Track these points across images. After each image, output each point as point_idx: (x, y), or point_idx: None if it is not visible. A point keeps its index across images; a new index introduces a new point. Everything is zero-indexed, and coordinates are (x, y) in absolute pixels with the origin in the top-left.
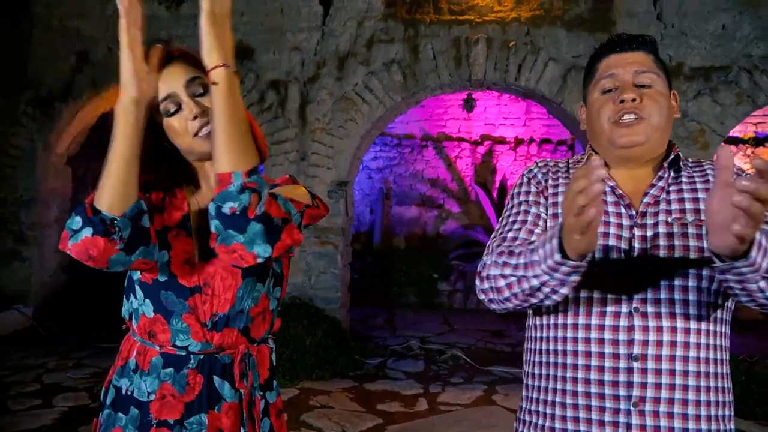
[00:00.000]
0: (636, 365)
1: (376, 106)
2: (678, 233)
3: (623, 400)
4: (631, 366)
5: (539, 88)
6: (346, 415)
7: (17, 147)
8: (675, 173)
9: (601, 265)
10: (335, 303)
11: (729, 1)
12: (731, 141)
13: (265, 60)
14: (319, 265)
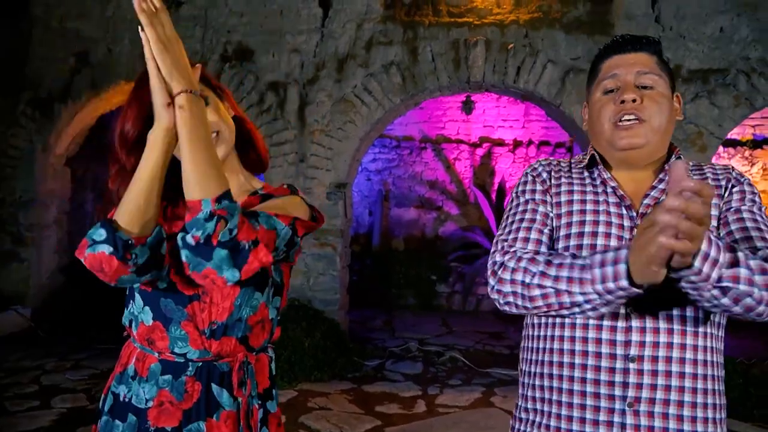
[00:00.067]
0: (632, 366)
1: (375, 108)
2: None
3: (618, 400)
4: (628, 367)
5: (538, 90)
6: (344, 417)
7: (16, 148)
8: None
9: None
10: (334, 305)
11: (727, 4)
12: (729, 143)
13: (265, 61)
14: (318, 267)
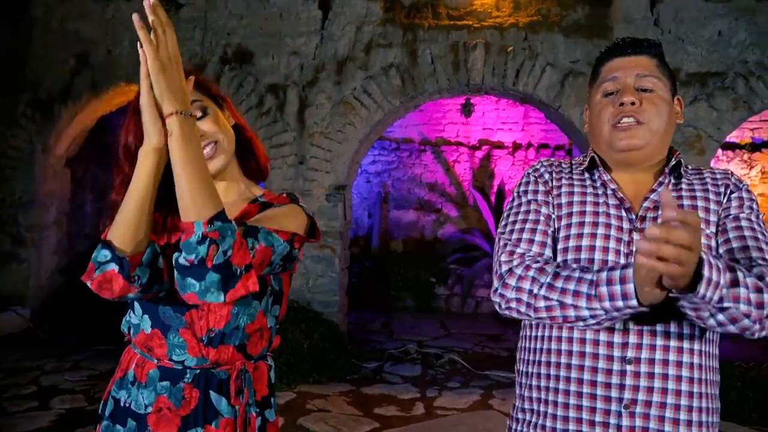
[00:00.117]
0: (629, 368)
1: (374, 110)
2: None
3: (615, 401)
4: (625, 369)
5: (537, 93)
6: (343, 419)
7: (16, 148)
8: (676, 179)
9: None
10: (333, 307)
11: (725, 8)
12: (728, 146)
13: (264, 64)
14: (317, 269)
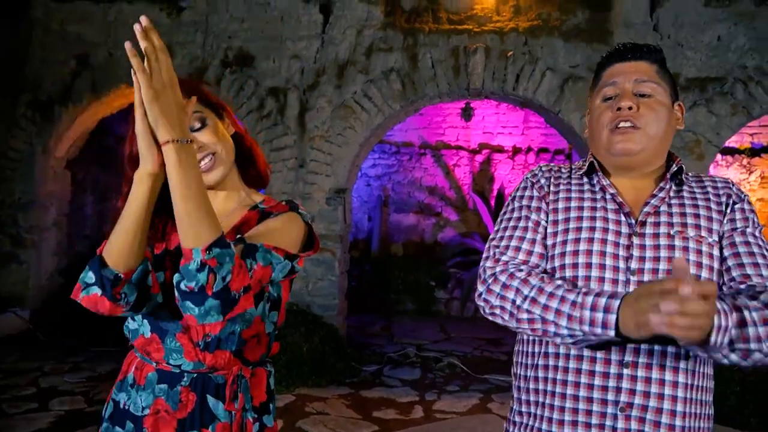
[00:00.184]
0: (626, 371)
1: (374, 114)
2: (680, 246)
3: (611, 404)
4: (622, 372)
5: (537, 97)
6: (341, 422)
7: (16, 150)
8: (677, 186)
9: (599, 271)
10: (332, 310)
11: (724, 13)
12: (727, 151)
13: (265, 67)
14: (317, 272)
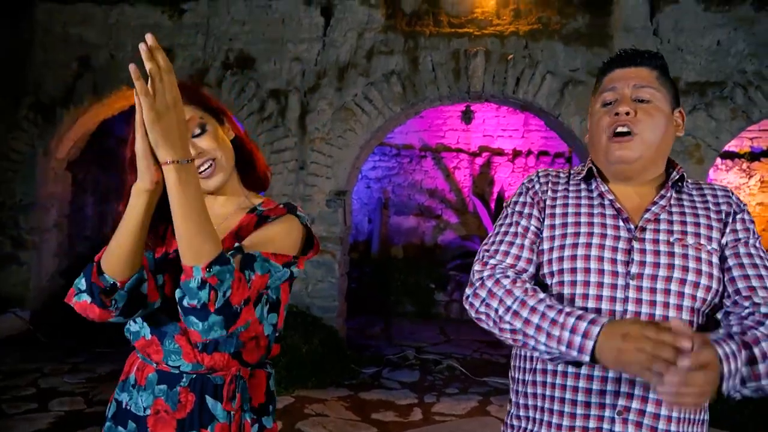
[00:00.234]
0: (625, 375)
1: (375, 116)
2: (679, 253)
3: (608, 408)
4: (619, 376)
5: (537, 101)
6: (340, 424)
7: (17, 151)
8: (677, 193)
9: (597, 276)
10: (332, 312)
11: (724, 18)
12: (727, 155)
13: (266, 69)
14: (317, 274)
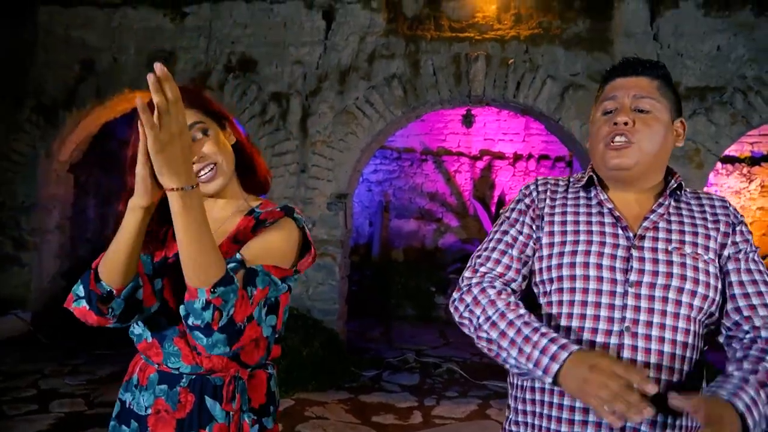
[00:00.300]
0: None
1: (376, 119)
2: (677, 262)
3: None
4: None
5: (537, 105)
6: (340, 427)
7: (20, 153)
8: (675, 202)
9: (596, 283)
10: (332, 314)
11: (724, 23)
12: (728, 160)
13: (268, 72)
14: (317, 277)
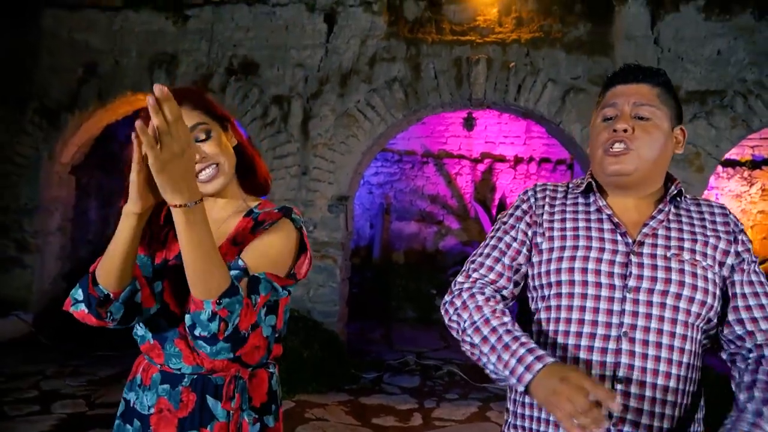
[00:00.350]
0: (620, 387)
1: (377, 122)
2: (676, 269)
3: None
4: (615, 388)
5: (538, 108)
6: (341, 429)
7: (22, 155)
8: (675, 208)
9: (595, 289)
10: (333, 316)
11: (724, 27)
12: (728, 163)
13: (270, 75)
14: (318, 279)
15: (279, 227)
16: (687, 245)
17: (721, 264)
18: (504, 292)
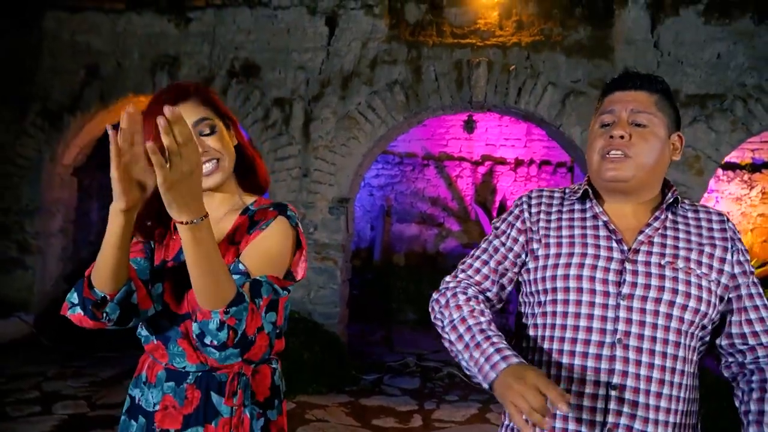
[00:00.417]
0: (613, 393)
1: (378, 125)
2: (670, 276)
3: (598, 425)
4: (609, 394)
5: (538, 111)
6: (341, 430)
7: (24, 157)
8: (672, 215)
9: (589, 296)
10: (333, 318)
11: (724, 32)
12: (729, 167)
13: (271, 78)
14: (319, 281)
15: (276, 226)
16: (682, 253)
17: (720, 272)
18: (488, 294)
